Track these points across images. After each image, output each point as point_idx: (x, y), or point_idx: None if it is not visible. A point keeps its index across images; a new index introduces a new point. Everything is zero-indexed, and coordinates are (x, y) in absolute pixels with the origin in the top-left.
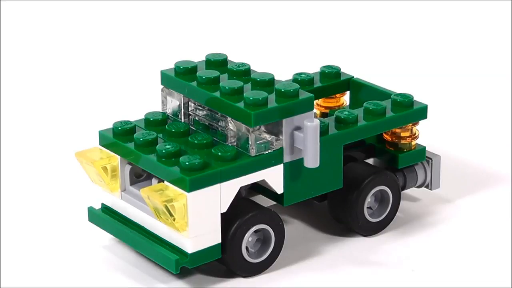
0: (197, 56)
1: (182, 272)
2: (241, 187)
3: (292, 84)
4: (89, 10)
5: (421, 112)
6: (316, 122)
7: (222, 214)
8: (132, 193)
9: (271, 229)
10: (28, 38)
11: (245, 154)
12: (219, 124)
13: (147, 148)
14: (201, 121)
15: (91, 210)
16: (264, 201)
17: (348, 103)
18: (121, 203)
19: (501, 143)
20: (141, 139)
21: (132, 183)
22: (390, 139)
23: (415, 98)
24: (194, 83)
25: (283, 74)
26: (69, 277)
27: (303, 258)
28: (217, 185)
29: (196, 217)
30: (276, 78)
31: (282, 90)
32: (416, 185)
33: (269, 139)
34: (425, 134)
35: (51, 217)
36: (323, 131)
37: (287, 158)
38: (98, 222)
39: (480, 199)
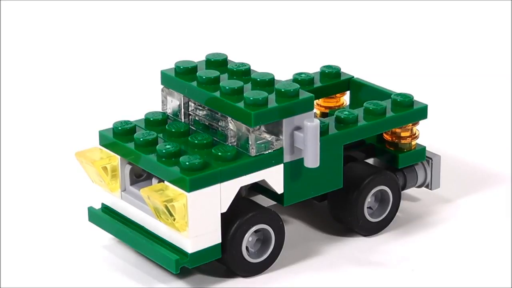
0: (197, 56)
1: (182, 272)
2: (241, 187)
3: (292, 84)
4: (89, 10)
5: (421, 112)
6: (316, 122)
7: (222, 214)
8: (132, 193)
9: (271, 229)
10: (28, 38)
11: (245, 154)
12: (219, 124)
13: (147, 148)
14: (201, 121)
15: (91, 210)
16: (264, 201)
17: (348, 103)
18: (121, 203)
19: (501, 143)
20: (141, 139)
21: (132, 183)
22: (390, 139)
23: (415, 98)
24: (194, 83)
25: (283, 74)
26: (69, 277)
27: (303, 258)
28: (217, 185)
29: (196, 217)
30: (276, 78)
31: (282, 90)
32: (416, 185)
33: (269, 139)
34: (425, 134)
35: (51, 217)
36: (323, 131)
37: (287, 158)
38: (98, 222)
39: (480, 199)
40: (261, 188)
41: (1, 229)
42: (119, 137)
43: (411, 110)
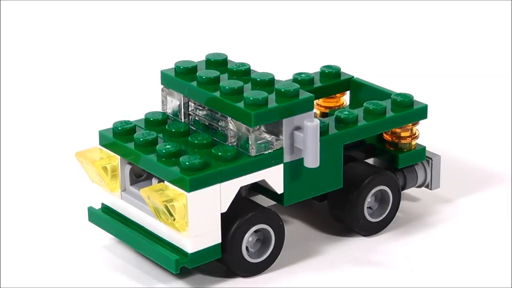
0: (197, 56)
1: (182, 272)
2: (241, 187)
3: (292, 84)
4: (89, 10)
5: (421, 112)
6: (316, 122)
7: (222, 214)
8: (132, 193)
9: (271, 229)
10: (28, 38)
11: (245, 154)
12: (219, 124)
13: (147, 148)
14: (201, 121)
15: (91, 210)
16: (264, 201)
17: (348, 103)
18: (121, 203)
19: (501, 143)
20: (141, 139)
21: (132, 183)
22: (390, 139)
23: (415, 98)
24: (194, 83)
25: (283, 74)
26: (69, 277)
27: (303, 258)
28: (217, 185)
29: (196, 217)
30: (276, 78)
31: (282, 90)
32: (416, 185)
33: (269, 139)
34: (425, 134)
35: (51, 217)
36: (323, 131)
37: (287, 158)
38: (98, 222)
39: (480, 199)
40: (261, 188)
41: (1, 229)
42: (119, 137)
43: (411, 110)
